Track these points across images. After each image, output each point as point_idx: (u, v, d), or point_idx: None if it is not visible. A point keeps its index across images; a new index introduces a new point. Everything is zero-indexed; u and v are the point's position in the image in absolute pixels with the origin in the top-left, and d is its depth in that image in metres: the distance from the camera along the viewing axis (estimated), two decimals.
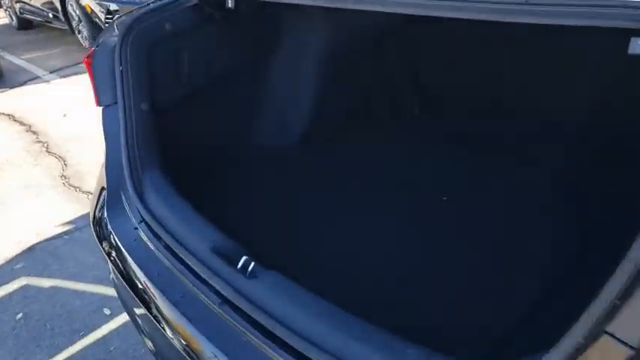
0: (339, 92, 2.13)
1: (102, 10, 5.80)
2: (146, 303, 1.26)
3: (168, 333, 1.18)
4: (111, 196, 1.53)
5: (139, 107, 1.55)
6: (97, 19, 5.98)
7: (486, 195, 1.80)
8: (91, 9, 5.94)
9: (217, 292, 1.10)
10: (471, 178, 1.91)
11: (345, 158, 2.05)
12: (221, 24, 1.70)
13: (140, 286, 1.26)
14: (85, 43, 6.50)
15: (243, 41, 1.85)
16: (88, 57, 1.57)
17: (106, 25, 5.91)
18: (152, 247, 1.30)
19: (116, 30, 1.58)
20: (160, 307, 1.17)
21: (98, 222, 1.53)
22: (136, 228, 1.37)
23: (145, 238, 1.33)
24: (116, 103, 1.57)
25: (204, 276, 1.14)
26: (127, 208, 1.44)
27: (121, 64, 1.51)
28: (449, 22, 1.95)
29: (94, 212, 1.58)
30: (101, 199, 1.60)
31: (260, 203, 1.79)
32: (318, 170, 1.98)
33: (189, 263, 1.17)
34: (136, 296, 1.28)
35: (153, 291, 1.20)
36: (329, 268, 1.47)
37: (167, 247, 1.26)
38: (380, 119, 2.31)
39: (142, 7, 1.59)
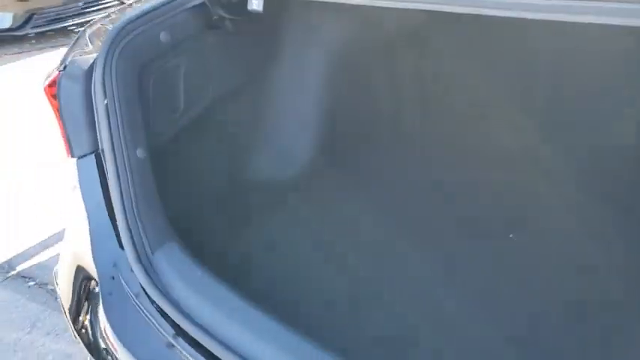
0: (346, 109, 1.77)
1: None
2: None
3: None
4: (106, 288, 1.03)
5: (135, 154, 1.07)
6: None
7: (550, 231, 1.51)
8: None
9: None
10: (520, 205, 1.63)
11: (360, 190, 1.69)
12: (229, 31, 1.25)
13: None
14: None
15: (250, 53, 1.42)
16: (50, 85, 1.04)
17: None
18: None
19: (90, 44, 1.07)
20: None
21: (88, 334, 1.03)
22: (172, 345, 0.91)
23: None
24: (95, 151, 1.08)
25: None
26: (143, 311, 0.97)
27: (105, 96, 1.02)
28: (459, 32, 1.70)
29: (73, 314, 1.08)
30: (84, 293, 1.10)
31: (289, 264, 1.38)
32: (337, 208, 1.59)
33: None
34: None
35: None
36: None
37: None
38: (386, 136, 1.97)
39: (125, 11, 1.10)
